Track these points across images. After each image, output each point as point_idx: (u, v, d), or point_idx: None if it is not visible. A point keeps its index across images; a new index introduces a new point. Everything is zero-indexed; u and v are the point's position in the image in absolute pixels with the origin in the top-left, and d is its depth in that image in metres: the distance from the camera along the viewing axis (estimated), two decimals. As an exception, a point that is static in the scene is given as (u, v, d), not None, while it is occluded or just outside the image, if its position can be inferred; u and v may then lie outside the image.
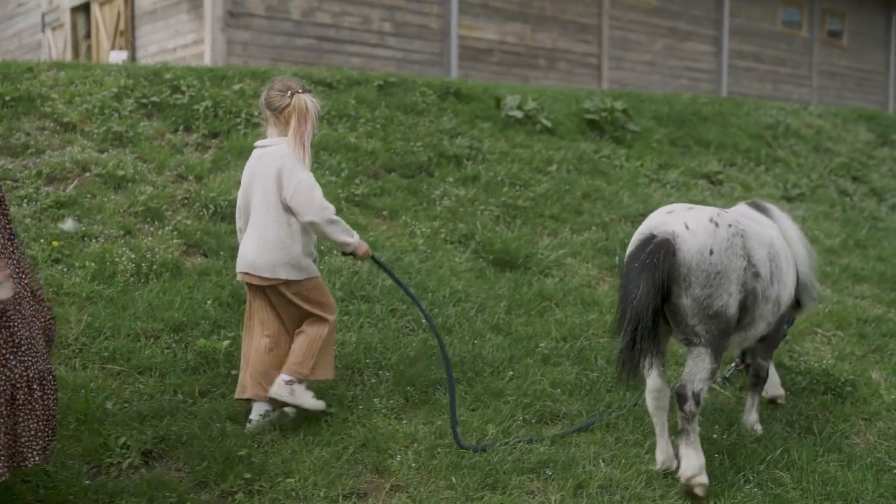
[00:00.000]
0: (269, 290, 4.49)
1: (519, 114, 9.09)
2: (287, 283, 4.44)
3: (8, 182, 6.21)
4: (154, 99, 7.45)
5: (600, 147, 9.13)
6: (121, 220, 6.03)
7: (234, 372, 4.90)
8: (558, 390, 5.17)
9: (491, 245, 6.74)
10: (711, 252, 4.23)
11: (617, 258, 7.03)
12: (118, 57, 13.93)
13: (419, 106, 8.78)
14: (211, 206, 6.35)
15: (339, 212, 6.87)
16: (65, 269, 5.55)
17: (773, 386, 5.48)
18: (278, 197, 4.37)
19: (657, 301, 4.17)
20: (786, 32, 20.71)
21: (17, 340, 3.52)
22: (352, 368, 5.19)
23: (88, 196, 6.24)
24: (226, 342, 5.07)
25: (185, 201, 6.40)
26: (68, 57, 15.88)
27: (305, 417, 4.63)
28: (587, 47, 17.26)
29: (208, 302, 5.42)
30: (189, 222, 6.14)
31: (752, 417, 5.12)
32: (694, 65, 18.94)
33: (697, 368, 4.32)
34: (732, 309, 4.34)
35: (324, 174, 7.18)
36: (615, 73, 17.54)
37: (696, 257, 4.22)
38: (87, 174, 6.50)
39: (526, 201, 7.61)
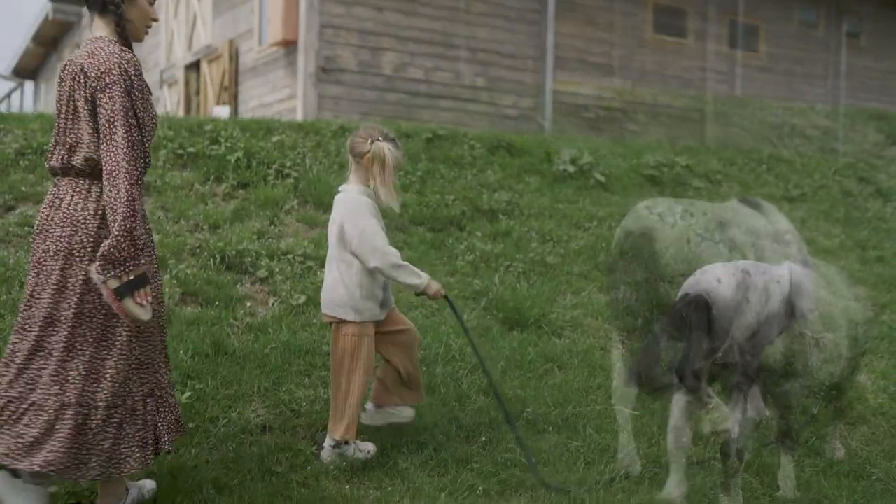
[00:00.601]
0: (333, 329, 4.57)
1: (571, 168, 8.78)
2: (344, 322, 4.50)
3: (25, 228, 6.33)
4: (191, 149, 7.52)
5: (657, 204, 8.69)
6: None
7: (190, 424, 4.77)
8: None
9: (503, 303, 6.44)
10: (748, 301, 4.32)
11: (640, 320, 6.61)
12: (221, 111, 14.31)
13: (465, 159, 8.59)
14: (218, 255, 6.29)
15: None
16: (54, 315, 5.57)
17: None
18: (342, 242, 4.45)
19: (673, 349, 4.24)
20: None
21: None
22: (314, 426, 4.98)
23: (99, 243, 6.28)
24: (187, 394, 4.94)
25: (195, 250, 6.37)
26: (181, 112, 16.44)
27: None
28: (690, 102, 16.75)
29: (186, 352, 5.32)
30: (191, 271, 6.10)
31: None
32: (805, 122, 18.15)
33: (746, 411, 4.34)
34: (777, 355, 4.42)
35: (344, 226, 7.05)
36: (720, 129, 16.94)
37: (731, 306, 4.28)
38: (105, 222, 6.56)
39: (555, 258, 7.28)
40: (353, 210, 4.42)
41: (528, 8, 15.18)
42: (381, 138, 4.45)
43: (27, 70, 24.91)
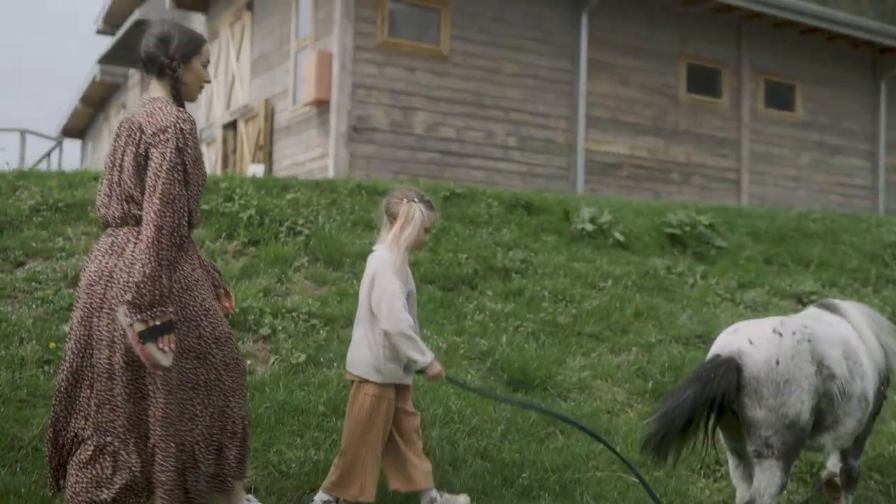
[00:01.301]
0: (353, 388, 4.51)
1: (590, 227, 8.62)
2: (365, 382, 4.43)
3: (32, 283, 6.32)
4: (205, 207, 7.50)
5: (675, 263, 8.50)
6: (123, 325, 5.98)
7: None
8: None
9: (509, 363, 6.27)
10: (778, 362, 4.28)
11: (651, 382, 6.41)
12: (255, 170, 14.40)
13: (481, 217, 8.48)
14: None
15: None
16: (50, 371, 5.52)
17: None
18: (369, 299, 4.43)
19: (699, 411, 4.22)
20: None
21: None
22: (301, 488, 4.83)
23: (103, 300, 6.24)
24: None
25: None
26: (218, 170, 16.58)
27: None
28: (725, 162, 16.54)
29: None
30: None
31: None
32: (846, 180, 17.81)
33: (767, 483, 4.27)
34: (806, 416, 4.33)
35: (353, 284, 6.95)
36: (757, 189, 16.69)
37: (763, 368, 4.27)
38: (113, 279, 6.53)
39: (567, 318, 7.10)
40: (381, 269, 4.40)
41: (560, 68, 15.15)
42: (415, 199, 4.46)
43: (76, 129, 25.45)
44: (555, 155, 15.09)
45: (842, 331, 4.72)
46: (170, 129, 3.75)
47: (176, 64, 3.94)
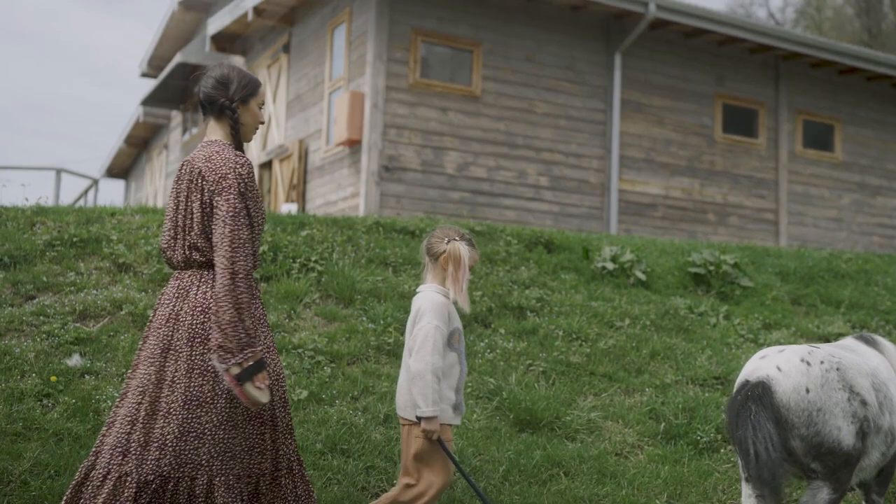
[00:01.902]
0: (402, 432, 4.39)
1: (611, 265, 8.43)
2: (415, 425, 4.28)
3: (40, 317, 6.30)
4: (217, 243, 7.46)
5: (698, 303, 8.27)
6: (125, 359, 5.92)
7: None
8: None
9: (516, 402, 6.09)
10: (808, 391, 4.25)
11: (664, 424, 6.18)
12: (289, 209, 14.43)
13: (499, 255, 8.32)
14: (225, 349, 6.13)
15: (367, 359, 6.51)
16: (50, 405, 5.46)
17: None
18: (413, 338, 4.35)
19: (775, 442, 4.14)
20: None
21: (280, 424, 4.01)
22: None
23: (109, 334, 6.20)
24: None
25: (200, 343, 6.22)
26: (254, 209, 16.61)
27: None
28: (763, 202, 16.25)
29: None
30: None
31: None
32: (888, 221, 17.40)
33: (816, 500, 4.27)
34: (849, 440, 4.28)
35: (362, 321, 6.84)
36: (795, 229, 16.36)
37: (793, 397, 4.24)
38: (121, 312, 6.49)
39: (580, 357, 6.91)
40: (427, 309, 4.31)
41: (593, 108, 15.05)
42: (457, 238, 4.40)
43: (120, 169, 25.80)
44: (587, 195, 14.93)
45: (873, 363, 4.68)
46: (230, 176, 3.84)
47: (235, 105, 4.02)
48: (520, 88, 14.51)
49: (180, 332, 3.85)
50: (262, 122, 4.22)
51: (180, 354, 3.83)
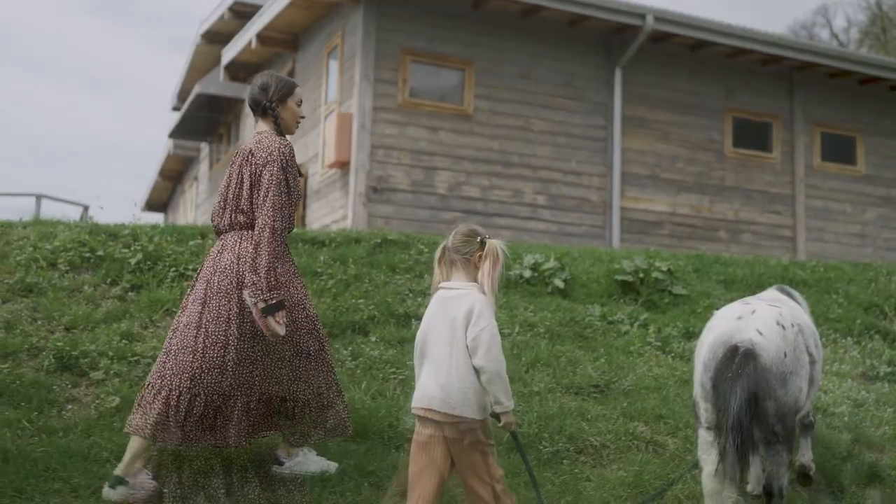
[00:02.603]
0: (449, 430, 4.14)
1: (528, 273, 7.92)
2: (471, 421, 4.14)
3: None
4: (100, 253, 7.25)
5: (615, 310, 7.68)
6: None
7: None
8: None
9: (353, 411, 5.65)
10: (785, 354, 4.46)
11: (507, 435, 5.64)
12: (290, 232, 14.27)
13: (405, 264, 7.89)
14: (53, 357, 5.87)
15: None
16: None
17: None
18: (465, 338, 4.18)
19: (752, 407, 4.30)
20: None
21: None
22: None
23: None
24: None
25: (32, 350, 5.98)
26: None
27: None
28: (778, 218, 15.37)
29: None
30: (21, 370, 5.71)
31: (808, 455, 5.33)
32: (919, 237, 16.28)
33: (778, 465, 4.49)
34: (802, 401, 4.60)
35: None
36: (814, 246, 15.41)
37: (775, 362, 4.41)
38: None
39: (449, 366, 6.42)
40: (479, 308, 4.17)
41: (593, 125, 14.50)
42: (488, 236, 4.34)
43: (158, 203, 26.20)
44: (588, 213, 14.36)
45: (808, 318, 5.00)
46: (275, 153, 4.70)
47: (275, 105, 4.87)
48: (515, 106, 14.08)
49: (225, 279, 4.65)
50: (303, 117, 5.07)
51: (231, 296, 4.64)
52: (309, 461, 5.11)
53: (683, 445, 5.71)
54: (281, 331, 4.56)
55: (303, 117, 5.06)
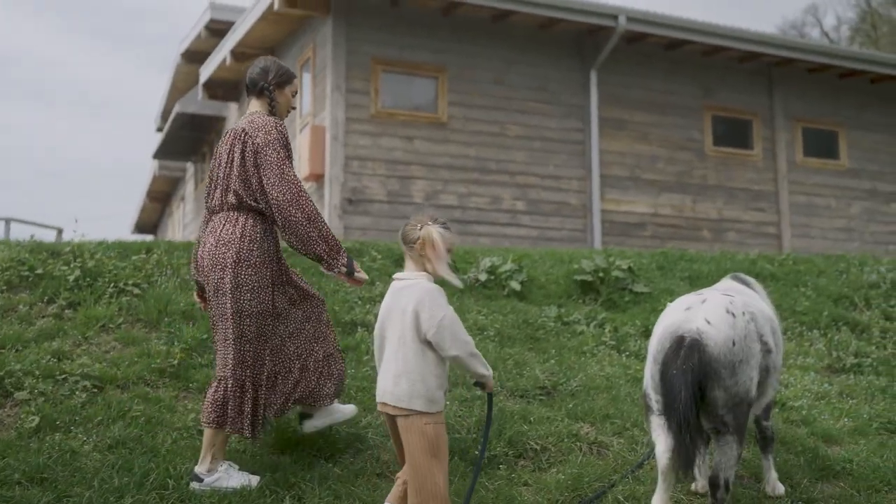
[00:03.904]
0: (402, 422, 4.15)
1: (484, 276, 7.64)
2: (421, 414, 4.10)
3: None
4: (39, 271, 7.01)
5: (572, 311, 7.38)
6: None
7: None
8: None
9: (285, 419, 5.38)
10: (734, 343, 4.33)
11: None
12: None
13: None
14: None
15: (146, 383, 5.93)
16: None
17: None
18: (416, 331, 4.12)
19: (697, 400, 4.21)
20: None
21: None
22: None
23: None
24: None
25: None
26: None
27: None
28: (762, 216, 15.05)
29: None
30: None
31: (772, 476, 5.03)
32: (906, 229, 15.92)
33: (727, 457, 4.35)
34: (753, 391, 4.42)
35: (157, 343, 6.25)
36: (800, 242, 15.07)
37: (723, 350, 4.29)
38: None
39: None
40: (429, 299, 4.12)
41: (570, 128, 14.23)
42: (430, 223, 4.25)
43: (148, 224, 25.98)
44: (568, 217, 14.07)
45: (765, 306, 4.85)
46: (273, 132, 4.64)
47: (272, 87, 4.83)
48: (490, 112, 13.82)
49: (213, 259, 4.64)
50: (294, 108, 5.03)
51: (213, 276, 4.65)
52: (230, 476, 4.83)
53: (628, 445, 5.40)
54: (366, 277, 4.81)
55: (294, 108, 5.05)
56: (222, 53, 15.61)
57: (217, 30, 16.32)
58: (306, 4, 13.22)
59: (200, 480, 4.78)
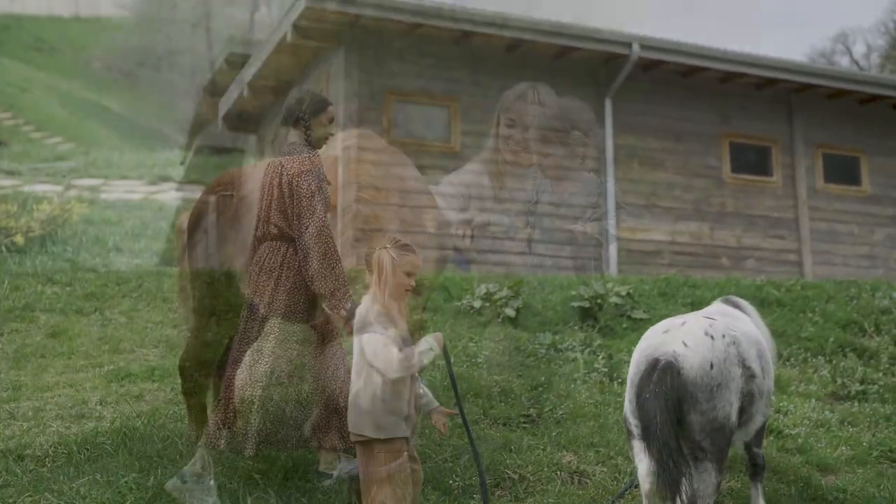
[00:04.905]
0: (358, 451, 4.13)
1: (479, 303, 7.47)
2: (369, 441, 4.05)
3: None
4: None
5: (566, 338, 7.18)
6: None
7: None
8: None
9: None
10: (712, 366, 4.22)
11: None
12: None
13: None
14: None
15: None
16: None
17: None
18: (361, 354, 4.13)
19: (675, 422, 4.13)
20: None
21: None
22: None
23: None
24: None
25: None
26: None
27: None
28: (782, 243, 14.73)
29: None
30: None
31: None
32: (932, 256, 15.50)
33: (705, 484, 4.21)
34: (733, 417, 4.30)
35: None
36: (822, 269, 14.71)
37: (699, 373, 4.19)
38: None
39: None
40: (364, 323, 4.13)
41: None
42: (386, 246, 4.26)
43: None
44: (583, 246, 13.86)
45: (752, 330, 4.72)
46: (307, 163, 4.76)
47: (307, 116, 4.93)
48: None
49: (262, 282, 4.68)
50: (331, 134, 5.12)
51: (255, 302, 4.68)
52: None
53: (611, 474, 5.18)
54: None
55: (332, 134, 5.15)
56: (240, 86, 15.67)
57: (234, 62, 16.44)
58: (319, 36, 13.22)
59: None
